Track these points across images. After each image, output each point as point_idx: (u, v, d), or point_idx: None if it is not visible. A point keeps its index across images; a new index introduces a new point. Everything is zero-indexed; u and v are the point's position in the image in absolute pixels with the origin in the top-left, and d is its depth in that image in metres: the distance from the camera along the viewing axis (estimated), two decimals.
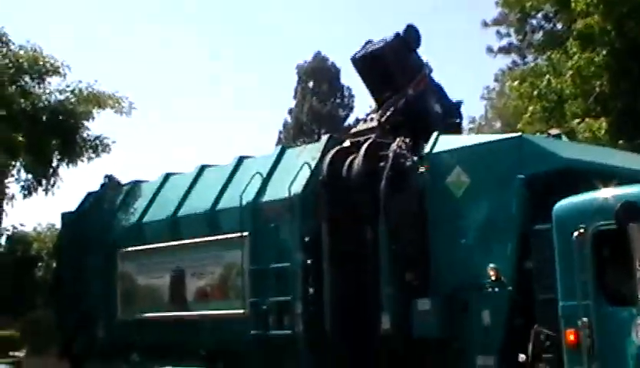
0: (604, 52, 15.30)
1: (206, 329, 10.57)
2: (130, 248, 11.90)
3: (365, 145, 9.30)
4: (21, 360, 24.41)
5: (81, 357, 12.70)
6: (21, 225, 36.14)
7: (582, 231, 7.20)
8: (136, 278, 11.83)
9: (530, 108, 16.70)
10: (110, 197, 13.06)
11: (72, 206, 13.75)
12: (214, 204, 10.75)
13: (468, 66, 58.13)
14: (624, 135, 14.94)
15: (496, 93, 33.85)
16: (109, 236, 12.39)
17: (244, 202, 10.16)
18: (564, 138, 9.95)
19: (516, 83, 17.75)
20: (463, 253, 8.33)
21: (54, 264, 19.40)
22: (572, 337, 7.21)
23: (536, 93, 16.56)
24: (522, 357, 7.66)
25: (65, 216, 13.85)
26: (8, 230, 36.17)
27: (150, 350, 11.34)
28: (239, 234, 10.15)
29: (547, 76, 16.54)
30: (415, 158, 8.91)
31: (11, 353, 31.00)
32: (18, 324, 35.86)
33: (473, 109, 40.68)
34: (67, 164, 18.80)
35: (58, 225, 14.41)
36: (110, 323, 12.13)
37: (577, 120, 15.38)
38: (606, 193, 7.41)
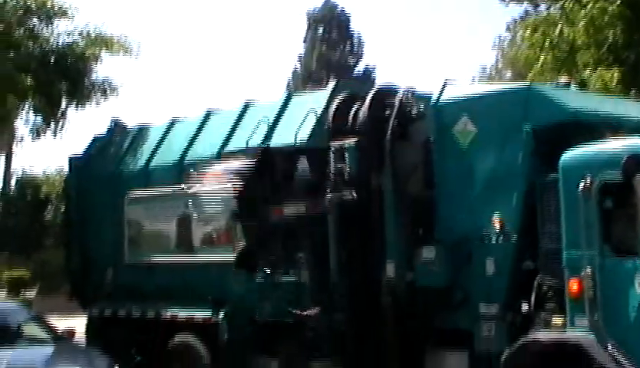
0: (618, 1, 15.01)
1: (213, 274, 10.59)
2: (136, 193, 11.89)
3: (371, 93, 9.19)
4: (32, 300, 24.65)
5: (90, 299, 12.75)
6: (31, 167, 36.36)
7: (588, 182, 7.17)
8: (144, 223, 11.86)
9: (542, 58, 16.41)
10: (117, 141, 13.01)
11: (80, 150, 13.67)
12: (221, 149, 10.70)
13: (480, 15, 57.63)
14: (636, 85, 14.77)
15: (507, 42, 33.52)
16: (116, 180, 12.37)
17: (251, 147, 10.12)
18: (573, 88, 9.78)
19: (527, 32, 17.41)
20: (468, 203, 8.27)
21: (63, 208, 19.47)
22: (575, 287, 7.22)
23: (547, 42, 16.27)
24: (524, 305, 7.68)
25: (72, 160, 13.80)
26: (17, 173, 36.52)
27: (157, 294, 11.41)
28: None
29: (560, 25, 16.25)
30: (421, 106, 8.82)
31: (22, 293, 31.46)
32: (28, 265, 36.41)
33: (484, 58, 40.49)
34: (76, 106, 18.80)
35: (67, 169, 14.29)
36: (118, 266, 12.18)
37: (589, 70, 15.17)
38: (614, 144, 7.34)
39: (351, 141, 8.90)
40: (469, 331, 8.17)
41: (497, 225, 7.90)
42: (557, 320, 7.39)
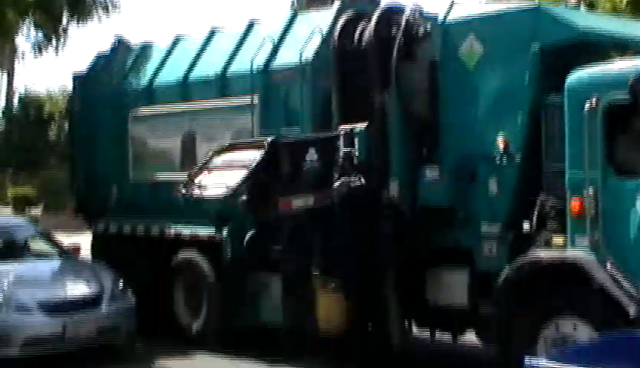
0: None
1: None
2: (141, 111, 11.84)
3: (377, 11, 9.05)
4: (38, 217, 24.80)
5: (95, 215, 12.81)
6: (33, 84, 36.08)
7: (594, 102, 7.14)
8: (148, 140, 11.83)
9: None
10: (121, 59, 12.85)
11: (84, 68, 13.53)
12: (225, 67, 10.62)
13: None
14: None
15: None
16: (120, 98, 12.30)
17: (255, 67, 10.05)
18: (583, 9, 9.65)
19: None
20: (473, 123, 8.24)
21: (67, 126, 19.37)
22: (576, 207, 7.27)
23: None
24: (526, 224, 7.73)
25: (76, 78, 13.68)
26: (20, 91, 36.29)
27: (161, 211, 11.47)
28: (249, 98, 10.08)
29: None
30: (428, 25, 8.70)
31: (27, 210, 31.66)
32: (33, 183, 36.53)
33: None
34: (77, 22, 18.55)
35: (70, 87, 14.18)
36: (123, 183, 12.20)
37: None
38: (621, 65, 7.29)
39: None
40: (470, 250, 8.22)
41: (502, 145, 7.87)
42: (558, 240, 7.44)
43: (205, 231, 10.61)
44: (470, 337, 9.05)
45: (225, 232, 10.27)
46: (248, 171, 8.46)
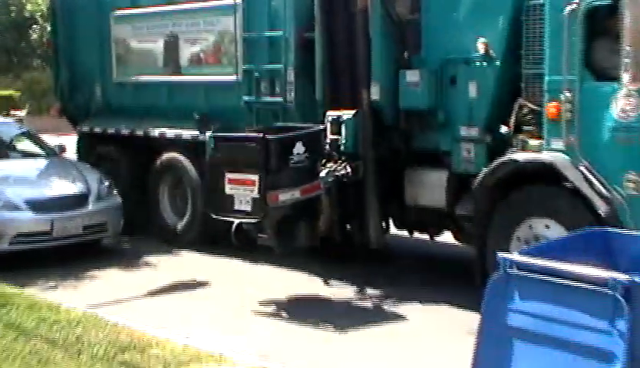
0: None
1: (200, 93, 10.59)
2: (123, 12, 11.63)
3: None
4: (23, 118, 24.62)
5: (79, 116, 12.74)
6: None
7: (574, 5, 7.07)
8: (131, 42, 11.62)
9: None
10: None
11: None
12: None
13: None
14: None
15: None
16: None
17: None
18: None
19: None
20: (453, 28, 8.12)
21: (49, 27, 18.99)
22: (553, 110, 7.27)
23: None
24: (504, 128, 7.76)
25: None
26: None
27: (144, 111, 11.43)
28: (232, 1, 9.91)
29: None
30: None
31: (12, 112, 31.35)
32: (17, 84, 36.10)
33: None
34: None
35: None
36: (106, 85, 12.08)
37: None
38: None
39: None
40: (449, 153, 8.26)
41: (482, 49, 7.82)
42: (534, 143, 7.49)
43: (189, 132, 10.59)
44: (448, 237, 9.24)
45: (208, 133, 10.24)
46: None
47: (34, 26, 36.71)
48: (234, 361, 5.95)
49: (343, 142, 8.72)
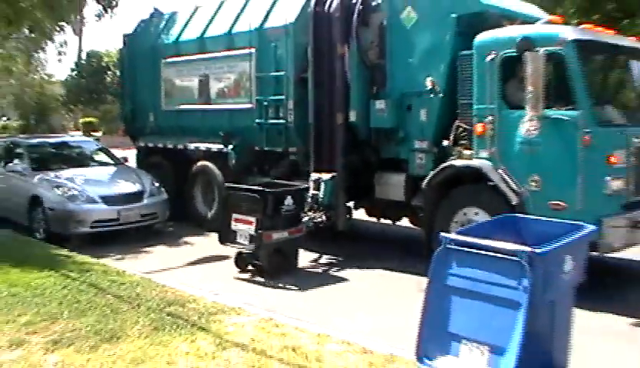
0: None
1: (224, 117, 10.44)
2: (170, 59, 11.52)
3: None
4: (99, 138, 24.63)
5: (137, 135, 12.63)
6: (96, 46, 35.54)
7: (492, 56, 7.05)
8: (175, 81, 11.51)
9: None
10: (156, 22, 12.47)
11: (131, 30, 13.15)
12: (231, 27, 10.31)
13: None
14: None
15: None
16: (155, 50, 11.93)
17: (252, 27, 9.78)
18: None
19: None
20: (410, 70, 8.06)
21: (118, 72, 18.93)
22: (480, 129, 7.22)
23: None
24: (445, 142, 7.69)
25: (125, 36, 13.26)
26: (87, 49, 35.82)
27: (184, 131, 11.32)
28: (248, 51, 9.84)
29: None
30: None
31: (92, 133, 31.49)
32: (95, 113, 36.12)
33: None
34: None
35: (121, 44, 13.74)
36: (157, 111, 11.97)
37: None
38: (512, 30, 7.18)
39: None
40: (406, 160, 8.19)
41: (430, 85, 7.77)
42: (467, 152, 7.43)
43: (216, 146, 10.48)
44: (405, 222, 9.16)
45: (230, 146, 10.18)
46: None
47: (109, 72, 36.71)
48: (249, 312, 5.92)
49: (321, 197, 8.54)
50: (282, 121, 9.40)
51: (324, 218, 8.52)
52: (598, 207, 6.51)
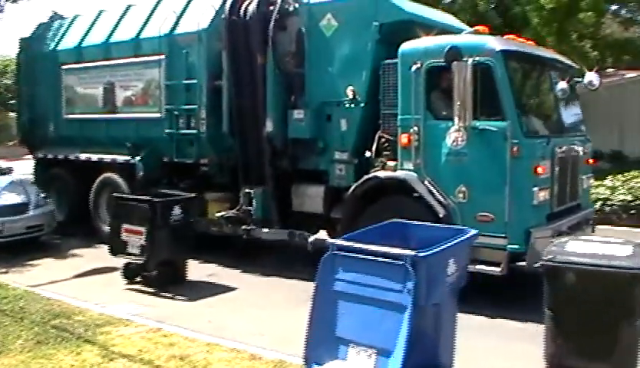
0: None
1: (131, 127, 9.07)
2: (71, 65, 9.96)
3: None
4: None
5: (36, 145, 10.88)
6: None
7: (418, 65, 6.30)
8: (77, 88, 9.95)
9: None
10: (56, 27, 10.83)
11: (28, 34, 11.38)
12: (138, 33, 8.99)
13: None
14: None
15: None
16: (55, 56, 10.31)
17: (162, 33, 8.53)
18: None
19: None
20: (329, 78, 7.16)
21: (15, 78, 16.81)
22: (405, 140, 6.44)
23: None
24: (368, 153, 6.84)
25: (22, 40, 11.47)
26: None
27: (87, 141, 9.79)
28: (157, 57, 8.56)
29: None
30: (297, 4, 7.52)
31: None
32: None
33: None
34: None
35: (18, 49, 11.91)
36: (57, 121, 10.31)
37: None
38: (436, 40, 6.47)
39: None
40: (326, 171, 7.26)
41: (350, 94, 6.91)
42: (390, 164, 6.62)
43: (122, 157, 9.08)
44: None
45: (137, 158, 8.84)
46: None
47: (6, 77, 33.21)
48: (137, 323, 5.47)
49: (253, 212, 7.62)
50: (193, 131, 8.22)
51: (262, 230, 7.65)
52: (526, 218, 5.91)
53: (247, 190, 7.65)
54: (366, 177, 6.67)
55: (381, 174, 6.59)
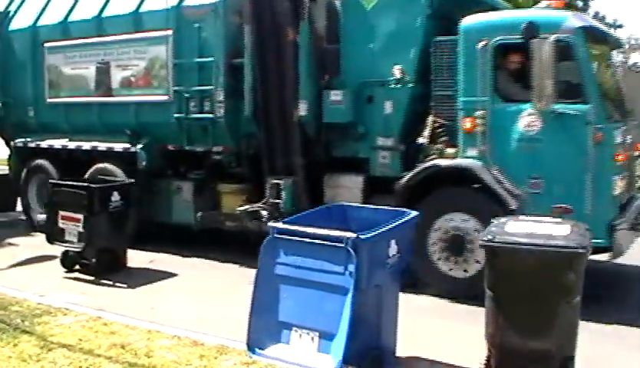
0: None
1: (130, 112, 7.85)
2: (57, 43, 8.59)
3: None
4: None
5: (12, 133, 9.41)
6: None
7: (484, 43, 5.46)
8: (63, 69, 8.58)
9: None
10: None
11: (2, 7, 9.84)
12: (139, 5, 7.75)
13: None
14: None
15: None
16: (35, 32, 8.89)
17: (169, 5, 7.34)
18: None
19: None
20: (370, 56, 6.23)
21: None
22: (468, 124, 5.60)
23: None
24: (421, 139, 5.96)
25: None
26: None
27: (76, 128, 8.48)
28: (163, 33, 7.38)
29: None
30: None
31: None
32: None
33: None
34: None
35: None
36: (38, 106, 8.89)
37: None
38: (507, 14, 5.75)
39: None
40: (366, 159, 6.34)
41: (398, 74, 6.01)
42: (449, 151, 5.78)
43: (120, 145, 7.87)
44: None
45: (139, 145, 7.66)
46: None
47: None
48: (77, 312, 5.13)
49: (282, 205, 6.56)
50: (208, 115, 7.11)
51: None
52: (608, 210, 5.21)
53: (275, 181, 6.62)
54: (424, 165, 5.80)
55: (442, 162, 5.74)
